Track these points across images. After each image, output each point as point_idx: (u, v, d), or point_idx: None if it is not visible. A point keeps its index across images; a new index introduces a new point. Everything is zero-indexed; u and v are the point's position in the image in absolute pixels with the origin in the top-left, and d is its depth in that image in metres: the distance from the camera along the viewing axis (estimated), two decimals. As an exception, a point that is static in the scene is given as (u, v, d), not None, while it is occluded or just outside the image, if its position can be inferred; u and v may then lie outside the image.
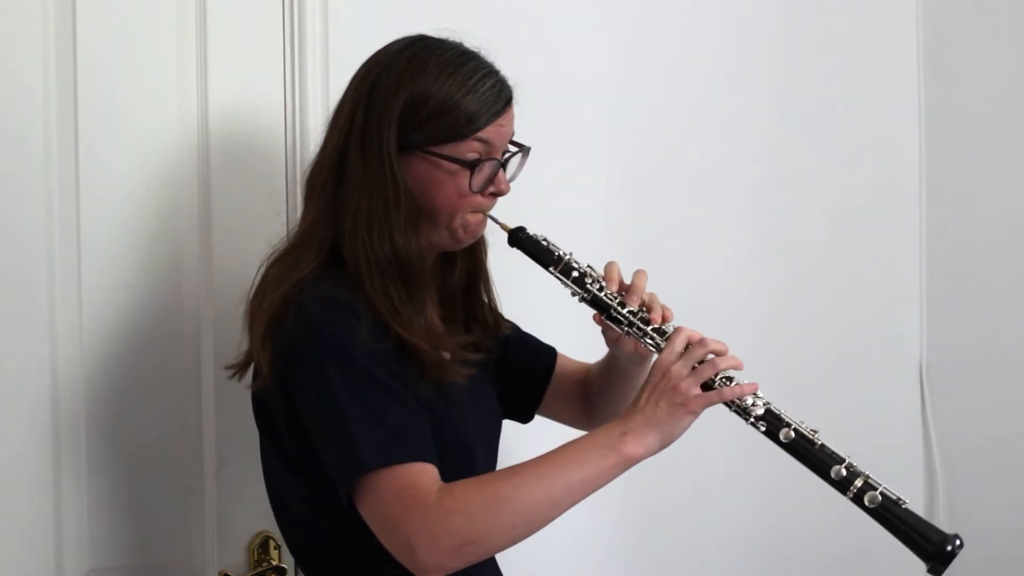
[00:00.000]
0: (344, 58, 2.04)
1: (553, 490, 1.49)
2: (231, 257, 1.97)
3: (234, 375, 1.71)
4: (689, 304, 2.44)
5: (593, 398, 1.88)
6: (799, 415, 2.28)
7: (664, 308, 1.68)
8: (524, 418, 1.92)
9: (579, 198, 2.37)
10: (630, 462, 1.53)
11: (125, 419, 1.92)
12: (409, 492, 1.48)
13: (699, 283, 2.51)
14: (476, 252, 1.76)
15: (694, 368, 1.56)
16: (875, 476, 1.54)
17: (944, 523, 2.75)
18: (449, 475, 1.53)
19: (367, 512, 1.51)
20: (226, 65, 1.98)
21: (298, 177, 2.02)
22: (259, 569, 1.99)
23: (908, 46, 2.76)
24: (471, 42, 1.67)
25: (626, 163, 2.44)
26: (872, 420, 2.71)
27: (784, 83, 2.62)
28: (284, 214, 2.02)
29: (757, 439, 1.59)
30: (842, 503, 1.57)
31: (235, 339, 1.78)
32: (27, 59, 1.85)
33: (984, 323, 2.71)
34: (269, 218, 2.00)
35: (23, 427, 1.85)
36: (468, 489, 1.49)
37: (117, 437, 1.91)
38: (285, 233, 1.97)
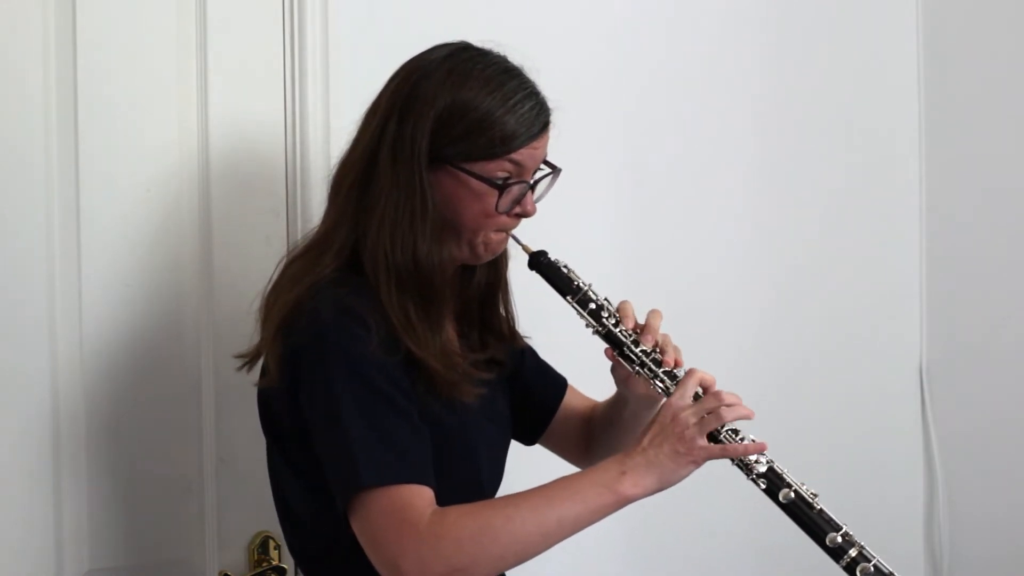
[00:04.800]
0: (344, 60, 2.05)
1: (545, 524, 1.49)
2: (231, 257, 1.97)
3: (243, 366, 1.70)
4: (689, 304, 2.46)
5: (594, 436, 1.85)
6: (801, 417, 2.29)
7: (676, 349, 1.65)
8: (527, 442, 1.90)
9: (578, 198, 2.37)
10: (625, 502, 1.52)
11: (125, 419, 1.92)
12: (401, 514, 1.47)
13: (698, 283, 2.51)
14: (497, 264, 1.74)
15: (702, 418, 1.53)
16: (870, 482, 1.52)
17: (944, 523, 2.76)
18: (453, 487, 1.53)
19: (359, 527, 1.51)
20: (226, 66, 1.98)
21: (298, 177, 2.03)
22: (259, 569, 1.99)
23: (908, 43, 2.76)
24: (515, 57, 1.64)
25: (623, 162, 2.44)
26: (872, 420, 2.71)
27: (783, 81, 2.62)
28: (284, 214, 2.02)
29: (752, 436, 1.58)
30: (838, 504, 1.57)
31: (235, 338, 1.78)
32: (27, 61, 1.85)
33: (984, 322, 2.71)
34: (269, 218, 2.00)
35: (23, 427, 1.85)
36: (460, 517, 1.48)
37: (117, 437, 1.91)
38: (285, 234, 1.98)
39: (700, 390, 1.58)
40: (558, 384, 1.89)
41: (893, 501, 2.74)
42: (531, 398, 1.85)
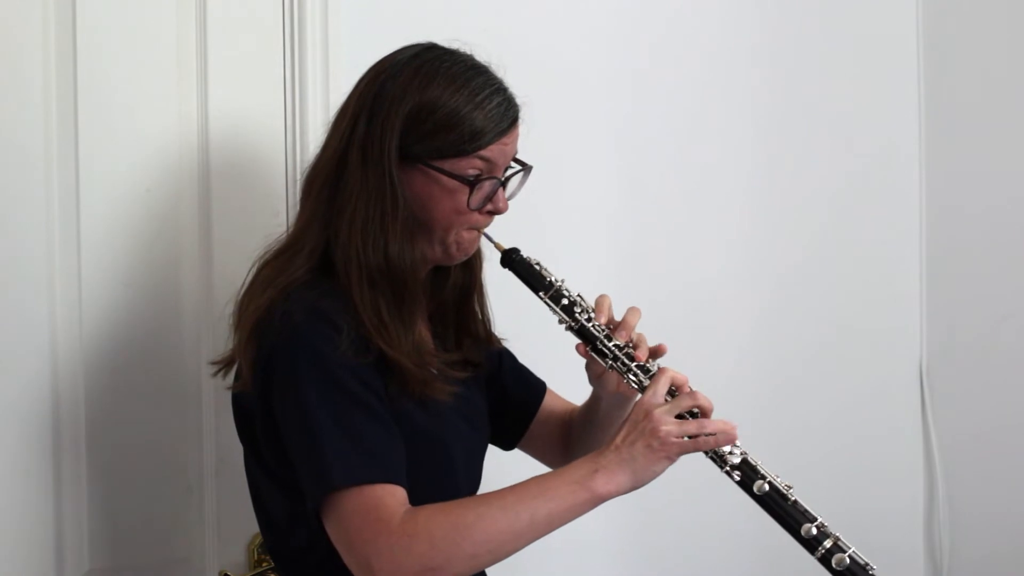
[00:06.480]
0: (344, 58, 2.05)
1: (517, 522, 1.48)
2: (231, 257, 1.96)
3: (218, 372, 1.71)
4: (689, 304, 2.46)
5: (573, 439, 1.86)
6: (800, 417, 2.29)
7: (659, 346, 1.65)
8: (506, 446, 1.91)
9: (577, 197, 2.38)
10: (599, 499, 1.51)
11: (125, 419, 1.92)
12: (374, 514, 1.47)
13: (698, 283, 2.51)
14: (472, 266, 1.74)
15: (679, 417, 1.54)
16: (871, 477, 1.52)
17: (944, 522, 2.76)
18: (430, 490, 1.53)
19: (332, 528, 1.51)
20: (226, 64, 1.98)
21: (298, 177, 2.02)
22: (259, 569, 1.99)
23: (908, 39, 2.77)
24: (482, 55, 1.65)
25: (622, 159, 2.44)
26: (872, 420, 2.71)
27: (783, 80, 2.62)
28: (283, 214, 2.02)
29: (752, 436, 1.58)
30: (837, 506, 1.57)
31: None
32: (27, 61, 1.85)
33: (984, 322, 2.71)
34: (268, 218, 2.00)
35: (23, 427, 1.85)
36: (432, 515, 1.48)
37: (117, 437, 1.91)
38: (284, 233, 1.98)
39: (672, 388, 1.58)
40: (537, 388, 1.90)
41: (893, 501, 2.74)
42: (509, 402, 1.86)
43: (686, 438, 1.53)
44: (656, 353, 1.65)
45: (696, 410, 1.56)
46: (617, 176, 2.44)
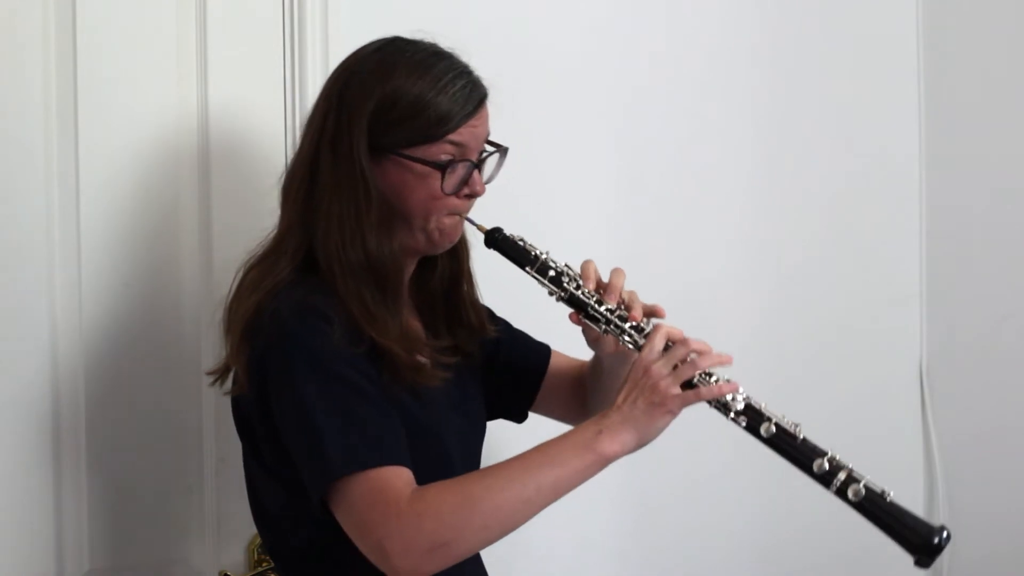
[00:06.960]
0: (344, 54, 2.04)
1: (525, 491, 1.48)
2: (230, 255, 1.95)
3: (215, 381, 1.72)
4: (688, 304, 2.45)
5: (586, 395, 1.87)
6: (800, 417, 2.28)
7: (656, 306, 1.66)
8: (518, 418, 1.91)
9: (576, 195, 2.38)
10: (605, 461, 1.51)
11: (125, 419, 1.92)
12: (381, 496, 1.47)
13: (697, 283, 2.51)
14: (458, 254, 1.75)
15: (675, 367, 1.54)
16: (870, 474, 1.51)
17: (944, 522, 2.75)
18: (425, 479, 1.53)
19: (341, 517, 1.51)
20: (226, 62, 1.98)
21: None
22: (259, 569, 1.99)
23: (908, 39, 2.77)
24: (445, 43, 1.65)
25: (622, 158, 2.44)
26: (872, 420, 2.71)
27: (783, 79, 2.62)
28: (283, 213, 2.02)
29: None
30: (837, 505, 1.57)
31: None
32: (27, 60, 1.85)
33: (984, 322, 2.71)
34: (268, 217, 1.99)
35: (23, 427, 1.85)
36: (440, 492, 1.48)
37: (117, 437, 1.91)
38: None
39: (669, 343, 1.58)
40: (541, 351, 1.91)
41: (893, 501, 2.74)
42: (515, 373, 1.87)
43: (688, 389, 1.53)
44: (652, 313, 1.66)
45: (694, 355, 1.55)
46: (617, 176, 2.44)
